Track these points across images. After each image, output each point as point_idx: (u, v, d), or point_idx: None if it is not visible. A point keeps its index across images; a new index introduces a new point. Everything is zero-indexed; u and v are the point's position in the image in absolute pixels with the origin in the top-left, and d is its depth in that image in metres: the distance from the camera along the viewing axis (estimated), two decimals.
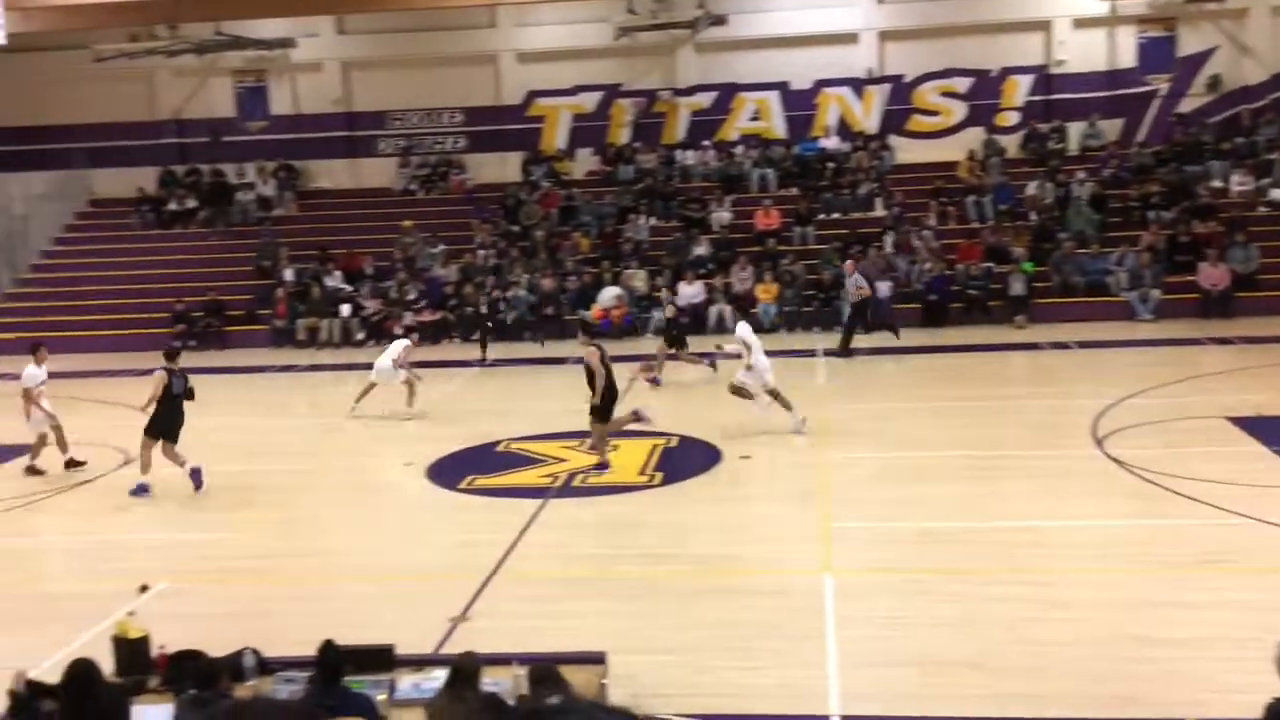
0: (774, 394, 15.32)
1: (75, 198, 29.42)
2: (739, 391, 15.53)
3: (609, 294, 23.70)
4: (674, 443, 15.23)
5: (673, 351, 19.05)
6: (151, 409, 13.66)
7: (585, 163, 28.77)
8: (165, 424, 13.72)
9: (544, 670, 5.71)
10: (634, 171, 27.84)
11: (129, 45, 26.52)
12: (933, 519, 11.59)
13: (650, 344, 22.86)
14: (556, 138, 28.92)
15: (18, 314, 26.18)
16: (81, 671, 5.76)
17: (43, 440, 14.91)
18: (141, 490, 13.57)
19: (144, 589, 8.13)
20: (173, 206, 28.35)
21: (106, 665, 6.64)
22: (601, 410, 13.89)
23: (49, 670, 8.35)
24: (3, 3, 18.73)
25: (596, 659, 6.97)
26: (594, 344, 14.03)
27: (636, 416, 14.29)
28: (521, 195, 27.47)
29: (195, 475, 13.69)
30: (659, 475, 13.80)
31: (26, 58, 27.07)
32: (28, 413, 14.79)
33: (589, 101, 28.65)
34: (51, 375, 15.03)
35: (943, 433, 15.19)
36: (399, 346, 17.85)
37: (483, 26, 28.22)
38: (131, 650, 7.05)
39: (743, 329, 15.89)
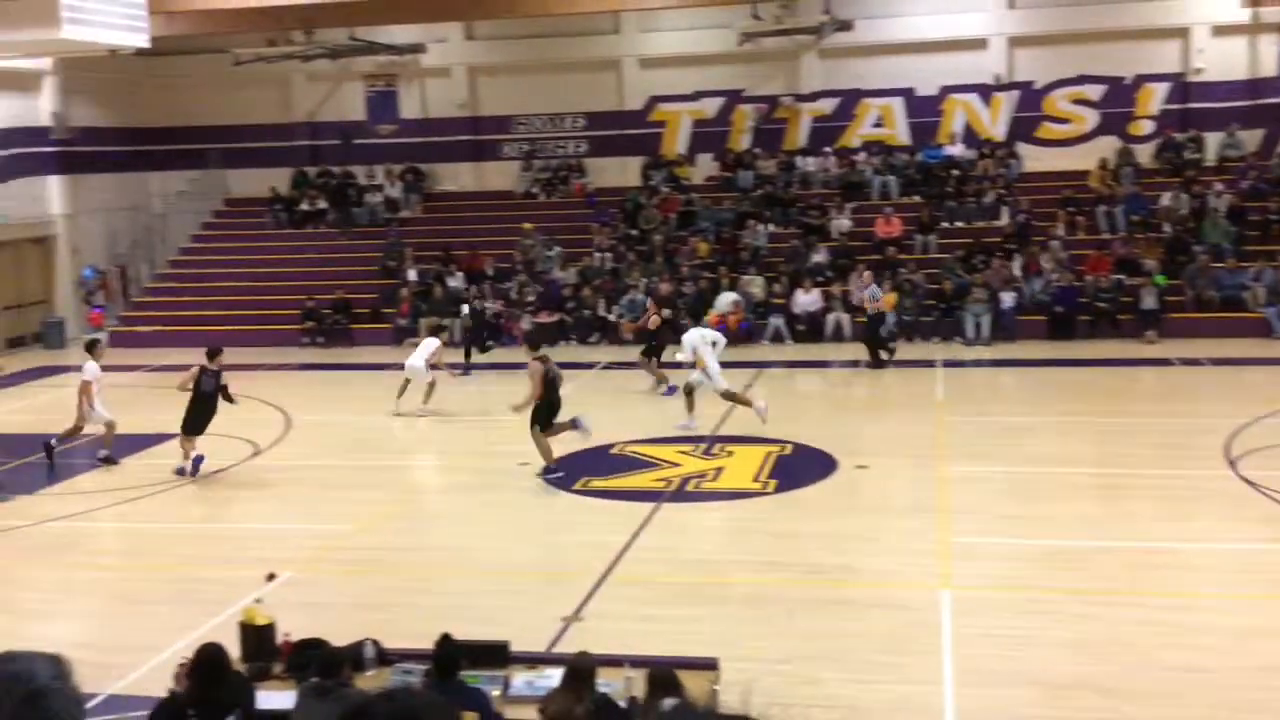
0: (688, 392, 16.28)
1: (212, 197, 30.47)
2: (731, 397, 16.21)
3: (726, 300, 23.64)
4: (789, 450, 15.12)
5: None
6: (186, 396, 14.58)
7: (705, 168, 28.77)
8: (191, 418, 14.52)
9: (663, 674, 5.72)
10: (753, 177, 27.74)
11: (266, 50, 27.36)
12: (1057, 537, 11.30)
13: (767, 350, 22.79)
14: (677, 143, 28.96)
15: (155, 307, 27.21)
16: (211, 655, 5.96)
17: (111, 428, 15.29)
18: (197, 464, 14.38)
19: (271, 577, 8.37)
20: (304, 207, 29.16)
21: (233, 650, 6.85)
22: (541, 418, 14.06)
23: (181, 652, 8.67)
24: (148, 7, 19.48)
25: (709, 665, 6.96)
26: (539, 356, 14.32)
27: (574, 424, 14.35)
28: (640, 200, 27.59)
29: (196, 461, 14.45)
30: (773, 483, 13.71)
31: (169, 61, 28.14)
32: (89, 404, 15.21)
33: (710, 107, 28.64)
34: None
35: (1068, 449, 14.82)
36: (431, 345, 18.12)
37: (607, 33, 28.43)
38: (258, 636, 7.26)
39: (689, 336, 16.49)
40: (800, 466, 14.40)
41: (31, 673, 1.96)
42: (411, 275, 25.99)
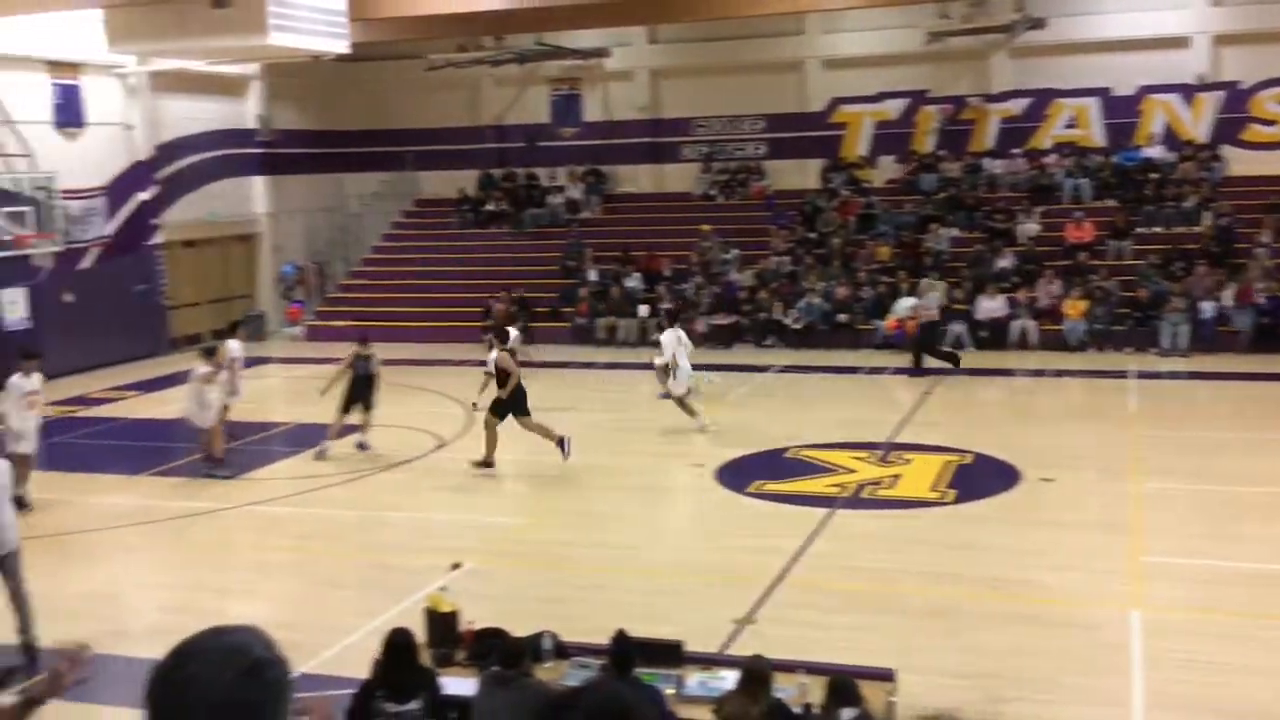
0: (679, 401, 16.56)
1: (404, 197, 31.60)
2: (680, 403, 16.54)
3: (905, 304, 23.21)
4: (970, 460, 14.76)
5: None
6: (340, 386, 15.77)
7: (887, 170, 28.31)
8: (351, 397, 15.70)
9: (843, 682, 5.67)
10: (937, 180, 27.16)
11: (458, 55, 28.22)
12: (1258, 560, 10.71)
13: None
14: (858, 144, 28.59)
15: (349, 304, 28.37)
16: (401, 639, 6.19)
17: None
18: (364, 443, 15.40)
19: (455, 566, 8.64)
20: (489, 207, 29.95)
21: (419, 636, 7.10)
22: (500, 408, 14.59)
23: (370, 634, 9.02)
24: (349, 14, 20.30)
25: (885, 675, 6.86)
26: (506, 349, 15.01)
27: (561, 443, 14.70)
28: (820, 202, 27.35)
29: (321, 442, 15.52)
30: (952, 493, 13.41)
31: (366, 66, 29.29)
32: (233, 387, 15.93)
33: (894, 108, 28.18)
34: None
35: (1268, 467, 14.00)
36: (510, 335, 18.23)
37: (790, 34, 28.27)
38: (442, 623, 7.50)
39: (667, 338, 16.71)
40: (981, 477, 14.04)
41: (249, 644, 2.07)
42: (591, 275, 26.39)
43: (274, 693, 2.04)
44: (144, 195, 24.89)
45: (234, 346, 16.44)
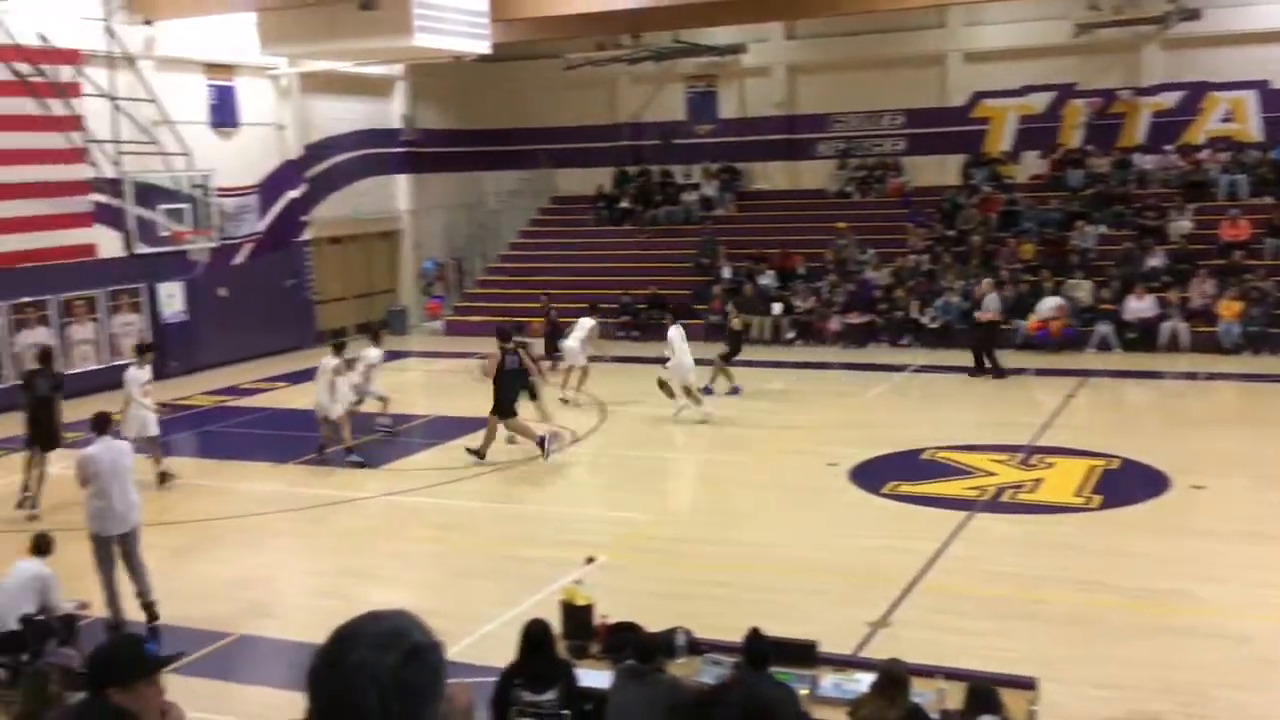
0: (687, 391, 16.98)
1: (540, 195, 32.02)
2: (662, 386, 16.84)
3: (1049, 304, 22.59)
4: (1116, 465, 14.29)
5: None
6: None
7: (1030, 166, 27.58)
8: (501, 398, 15.20)
9: (984, 689, 5.55)
10: (1084, 176, 26.34)
11: (595, 54, 28.47)
12: None
13: (1093, 358, 21.61)
14: (1001, 140, 27.92)
15: (486, 299, 28.87)
16: (538, 630, 6.28)
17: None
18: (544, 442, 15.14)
19: (590, 560, 8.72)
20: (624, 204, 30.15)
21: (554, 627, 7.18)
22: (500, 408, 14.98)
23: (506, 624, 9.18)
24: (490, 15, 20.67)
25: (1026, 684, 6.69)
26: (507, 346, 15.20)
27: (541, 441, 14.92)
28: (960, 199, 26.79)
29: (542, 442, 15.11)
30: (1097, 498, 13.01)
31: (507, 66, 29.74)
32: (366, 390, 16.42)
33: (1039, 102, 27.43)
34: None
35: None
36: (586, 325, 18.07)
37: (931, 27, 27.76)
38: (577, 616, 7.58)
39: (673, 332, 17.09)
40: (1128, 483, 13.58)
41: (407, 628, 2.12)
42: (725, 273, 26.35)
43: (434, 675, 2.10)
44: (294, 193, 25.75)
45: (373, 355, 16.89)
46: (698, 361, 17.66)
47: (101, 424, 10.47)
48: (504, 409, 15.15)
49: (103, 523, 9.88)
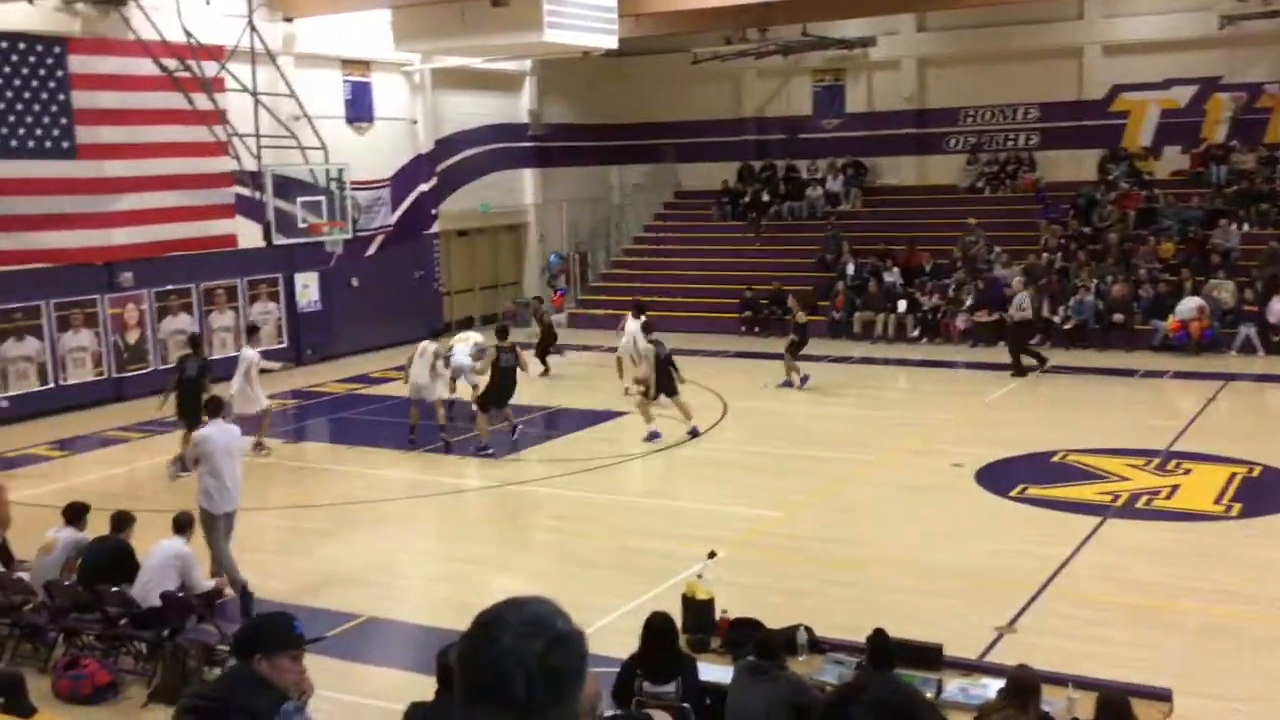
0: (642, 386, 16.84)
1: (664, 189, 32.10)
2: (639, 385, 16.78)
3: (1189, 305, 21.81)
4: (1256, 473, 13.74)
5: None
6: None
7: (1171, 162, 26.64)
8: (495, 394, 15.66)
9: (1117, 700, 5.40)
10: (1228, 172, 25.34)
11: (723, 48, 28.40)
12: None
13: (1235, 361, 20.81)
14: (1140, 134, 27.03)
15: (608, 292, 29.07)
16: (660, 623, 6.31)
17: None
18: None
19: (712, 555, 8.71)
20: (747, 199, 30.02)
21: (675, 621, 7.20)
22: (489, 400, 15.56)
23: (625, 615, 9.25)
24: (618, 10, 20.78)
25: (1162, 695, 6.48)
26: (503, 345, 15.68)
27: (514, 429, 15.86)
28: (1096, 195, 26.02)
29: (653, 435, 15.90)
30: (1236, 506, 12.53)
31: (632, 60, 29.88)
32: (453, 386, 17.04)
33: (1181, 96, 26.48)
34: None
35: None
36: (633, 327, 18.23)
37: (1068, 19, 27.02)
38: (698, 610, 7.60)
39: (631, 324, 17.63)
40: (1270, 491, 13.06)
41: (550, 616, 2.15)
42: (849, 270, 26.05)
43: (579, 662, 2.13)
44: (424, 187, 26.28)
45: (464, 365, 17.21)
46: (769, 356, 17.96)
47: (215, 407, 10.97)
48: (486, 402, 15.68)
49: (214, 500, 10.33)
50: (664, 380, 16.10)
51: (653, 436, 15.96)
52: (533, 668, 2.06)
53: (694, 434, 16.11)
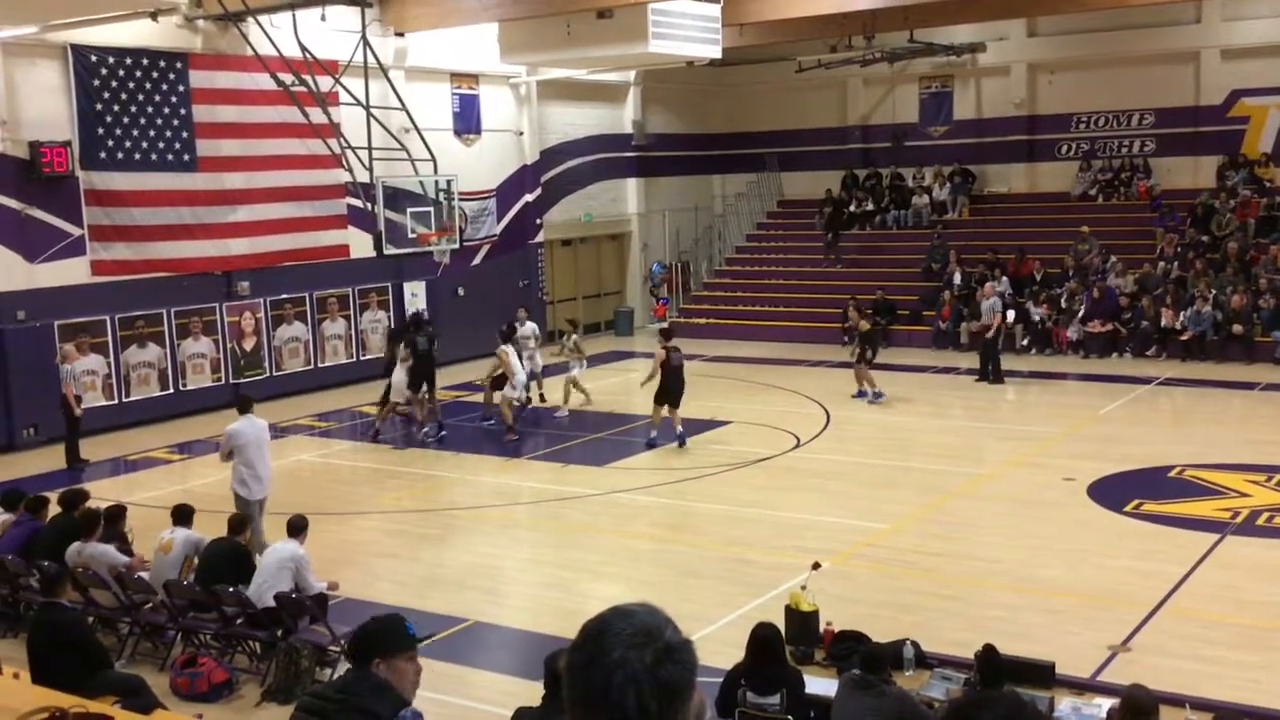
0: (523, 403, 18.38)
1: (767, 198, 32.00)
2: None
3: None
4: None
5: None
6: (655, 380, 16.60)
7: None
8: (669, 391, 16.41)
9: None
10: None
11: (827, 56, 28.20)
12: None
13: None
14: (1261, 140, 26.14)
15: (712, 301, 29.07)
16: (767, 634, 6.29)
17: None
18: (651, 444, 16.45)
19: (816, 566, 8.65)
20: (852, 208, 29.75)
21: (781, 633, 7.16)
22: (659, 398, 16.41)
23: (727, 626, 9.24)
24: (721, 20, 20.78)
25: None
26: (672, 345, 16.57)
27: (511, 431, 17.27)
28: (1214, 203, 25.24)
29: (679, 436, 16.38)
30: None
31: (736, 70, 29.85)
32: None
33: None
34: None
35: None
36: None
37: (1185, 23, 26.27)
38: (803, 622, 7.55)
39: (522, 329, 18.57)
40: None
41: (659, 626, 2.14)
42: (956, 279, 25.64)
43: (689, 672, 2.12)
44: (529, 197, 26.58)
45: (518, 385, 17.82)
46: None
47: (245, 405, 12.02)
48: (663, 399, 16.43)
49: (249, 487, 11.47)
50: (674, 388, 16.49)
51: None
52: (644, 681, 2.05)
53: (651, 445, 16.51)
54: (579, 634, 2.17)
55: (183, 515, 10.25)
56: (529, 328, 19.74)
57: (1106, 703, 6.15)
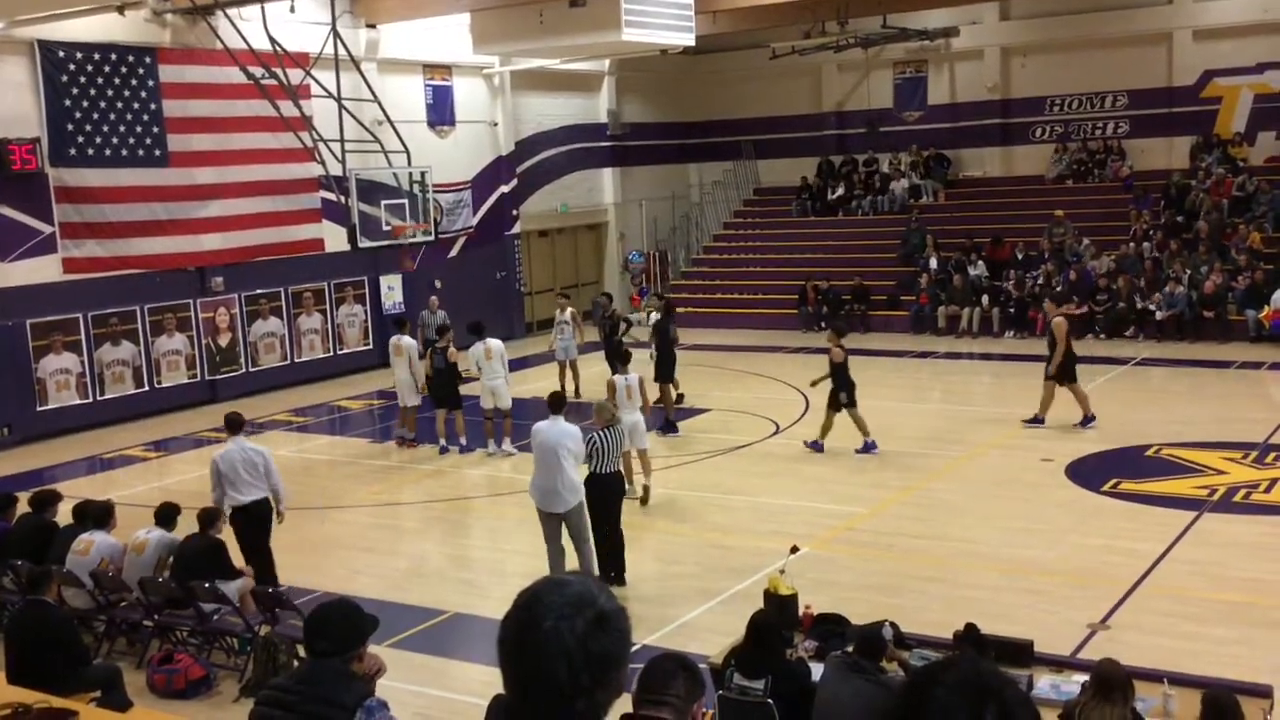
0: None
1: (743, 186, 31.98)
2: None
3: None
4: None
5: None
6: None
7: (1266, 148, 25.85)
8: (665, 364, 16.99)
9: (1224, 699, 5.21)
10: None
11: (801, 42, 28.16)
12: None
13: None
14: (1233, 121, 26.28)
15: (689, 290, 29.03)
16: (762, 621, 6.31)
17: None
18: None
19: (794, 550, 8.64)
20: (828, 195, 29.76)
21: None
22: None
23: (708, 611, 9.21)
24: (694, 7, 20.72)
25: (1262, 692, 6.28)
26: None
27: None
28: (1188, 183, 25.36)
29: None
30: None
31: (710, 58, 29.81)
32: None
33: (1275, 80, 25.66)
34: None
35: None
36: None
37: (1157, 4, 26.36)
38: (781, 605, 7.54)
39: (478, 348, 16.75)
40: None
41: (592, 594, 2.10)
42: (932, 263, 25.69)
43: (622, 641, 2.08)
44: (504, 188, 26.47)
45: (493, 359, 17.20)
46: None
47: (235, 425, 10.78)
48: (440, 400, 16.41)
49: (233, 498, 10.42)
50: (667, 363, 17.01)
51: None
52: (575, 654, 2.02)
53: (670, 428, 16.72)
54: (512, 604, 2.14)
55: (166, 516, 10.07)
56: (568, 314, 20.07)
57: (1083, 678, 6.15)
